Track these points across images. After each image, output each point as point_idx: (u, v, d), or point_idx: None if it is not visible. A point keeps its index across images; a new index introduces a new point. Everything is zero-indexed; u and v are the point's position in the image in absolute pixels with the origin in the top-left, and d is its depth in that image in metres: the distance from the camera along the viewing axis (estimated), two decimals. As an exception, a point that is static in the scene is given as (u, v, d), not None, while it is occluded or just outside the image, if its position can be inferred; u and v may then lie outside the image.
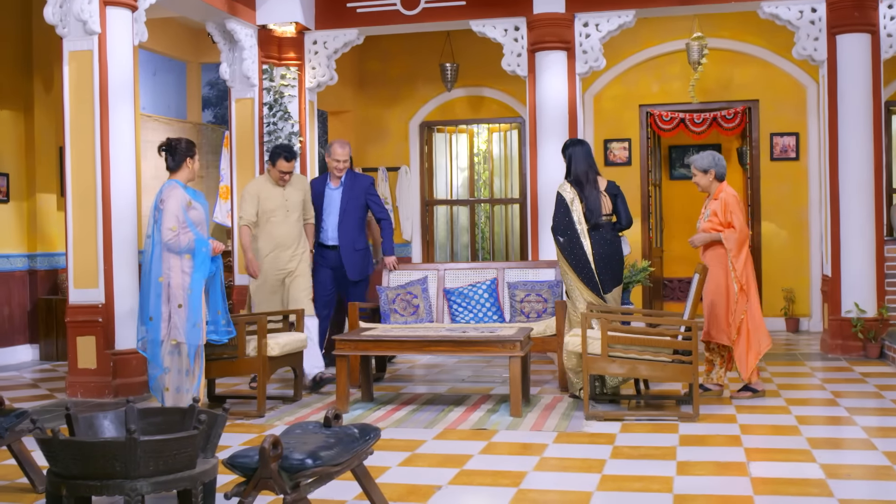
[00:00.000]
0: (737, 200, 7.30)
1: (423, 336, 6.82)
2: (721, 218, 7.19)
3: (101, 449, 3.55)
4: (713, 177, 7.34)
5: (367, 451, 4.07)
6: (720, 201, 7.25)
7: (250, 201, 8.02)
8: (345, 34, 10.39)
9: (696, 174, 7.40)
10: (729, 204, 7.21)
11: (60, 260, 10.13)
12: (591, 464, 5.27)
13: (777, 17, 9.43)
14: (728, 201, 7.21)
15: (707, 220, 7.26)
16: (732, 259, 7.11)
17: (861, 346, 9.14)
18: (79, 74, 7.75)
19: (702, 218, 7.35)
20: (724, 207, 7.19)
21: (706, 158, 7.38)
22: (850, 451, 5.63)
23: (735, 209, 7.18)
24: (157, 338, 6.27)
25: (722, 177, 7.37)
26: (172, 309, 6.22)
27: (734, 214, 7.16)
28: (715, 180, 7.35)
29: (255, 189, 8.09)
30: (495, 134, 13.55)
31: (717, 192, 7.32)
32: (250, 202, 8.01)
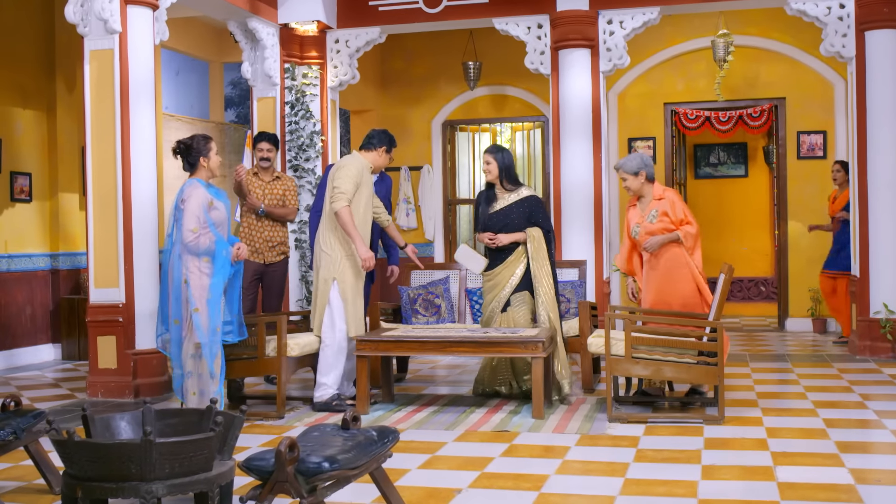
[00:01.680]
0: (680, 196, 7.18)
1: (445, 336, 6.75)
2: (673, 216, 6.94)
3: (116, 450, 3.51)
4: (644, 178, 7.06)
5: (385, 454, 4.01)
6: (667, 200, 7.00)
7: (354, 179, 6.98)
8: (367, 33, 10.34)
9: (627, 178, 7.08)
10: (677, 202, 7.03)
11: (82, 259, 10.14)
12: (614, 467, 5.18)
13: (804, 13, 9.30)
14: (675, 199, 7.03)
15: (658, 222, 6.97)
16: (693, 256, 6.96)
17: (890, 348, 8.99)
18: (100, 74, 7.74)
19: (641, 222, 7.04)
20: (674, 206, 6.98)
21: (634, 160, 7.10)
22: (879, 456, 5.53)
23: (684, 205, 7.05)
24: (179, 340, 6.18)
25: (652, 177, 7.10)
26: (191, 311, 6.12)
27: (686, 211, 7.00)
28: (646, 182, 7.07)
29: (359, 167, 7.07)
30: (518, 133, 13.47)
31: (658, 193, 7.06)
32: (353, 180, 6.98)
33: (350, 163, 7.04)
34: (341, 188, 6.87)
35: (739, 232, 14.18)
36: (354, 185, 6.92)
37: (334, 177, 6.97)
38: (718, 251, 14.00)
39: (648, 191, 7.07)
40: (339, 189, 6.87)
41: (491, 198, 7.35)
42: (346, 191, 6.86)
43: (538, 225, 7.22)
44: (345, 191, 6.86)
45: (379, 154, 7.21)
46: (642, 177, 7.03)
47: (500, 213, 7.24)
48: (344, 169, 6.98)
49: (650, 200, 7.05)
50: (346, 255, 6.98)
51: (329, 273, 6.98)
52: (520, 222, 7.20)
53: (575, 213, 9.62)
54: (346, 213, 6.82)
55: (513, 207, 7.23)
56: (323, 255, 7.02)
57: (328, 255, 6.99)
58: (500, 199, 7.28)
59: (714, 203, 14.24)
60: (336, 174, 6.98)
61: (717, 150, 14.27)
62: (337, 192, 6.87)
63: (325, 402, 6.84)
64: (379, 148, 7.20)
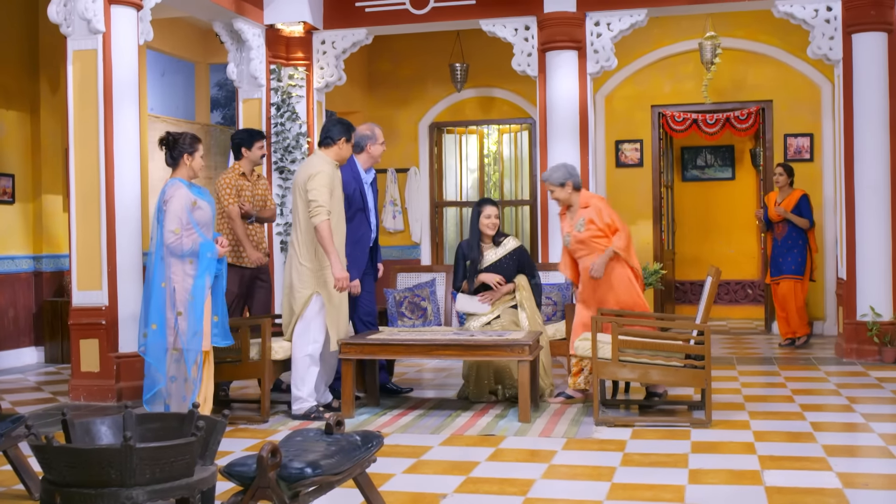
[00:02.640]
0: (606, 202, 7.17)
1: (431, 340, 6.71)
2: (600, 223, 6.93)
3: (95, 456, 3.44)
4: (571, 188, 7.06)
5: (369, 459, 3.96)
6: (593, 208, 6.99)
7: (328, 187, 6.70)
8: (353, 34, 10.28)
9: (554, 189, 7.09)
10: (603, 208, 7.00)
11: (66, 262, 10.05)
12: (600, 471, 5.15)
13: (792, 15, 9.29)
14: (601, 206, 7.01)
15: (585, 230, 6.96)
16: (628, 259, 6.93)
17: (877, 351, 8.99)
18: (83, 74, 7.66)
19: (571, 231, 7.04)
20: (599, 213, 6.96)
21: (559, 171, 7.09)
22: (867, 460, 5.50)
23: (610, 210, 7.03)
24: (163, 346, 6.04)
25: (578, 186, 7.10)
26: (175, 316, 6.03)
27: (613, 216, 6.99)
28: (574, 191, 7.07)
29: (329, 171, 6.77)
30: (505, 135, 13.44)
31: (584, 201, 7.06)
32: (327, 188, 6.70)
33: (320, 168, 6.68)
34: (318, 200, 6.56)
35: (726, 234, 14.18)
36: (329, 192, 6.66)
37: (307, 187, 6.62)
38: (705, 253, 14.01)
39: (576, 199, 7.10)
40: (317, 202, 6.56)
41: (474, 247, 7.48)
42: (323, 202, 6.56)
43: (525, 273, 7.48)
44: (322, 202, 6.56)
45: (340, 147, 6.83)
46: (569, 187, 7.05)
47: (494, 266, 7.47)
48: (317, 178, 6.62)
49: (577, 209, 7.08)
50: (327, 266, 6.71)
51: (308, 287, 6.71)
52: (511, 273, 7.47)
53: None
54: (325, 227, 6.53)
55: (505, 259, 7.48)
56: (303, 270, 6.72)
57: (307, 268, 6.71)
58: (490, 250, 7.51)
59: (701, 205, 14.24)
60: (309, 184, 6.62)
61: (704, 153, 14.26)
62: (315, 206, 6.55)
63: (304, 415, 6.74)
64: (339, 140, 6.82)
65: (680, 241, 13.97)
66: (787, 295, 10.35)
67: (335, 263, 6.58)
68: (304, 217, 6.71)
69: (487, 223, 7.45)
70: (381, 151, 7.52)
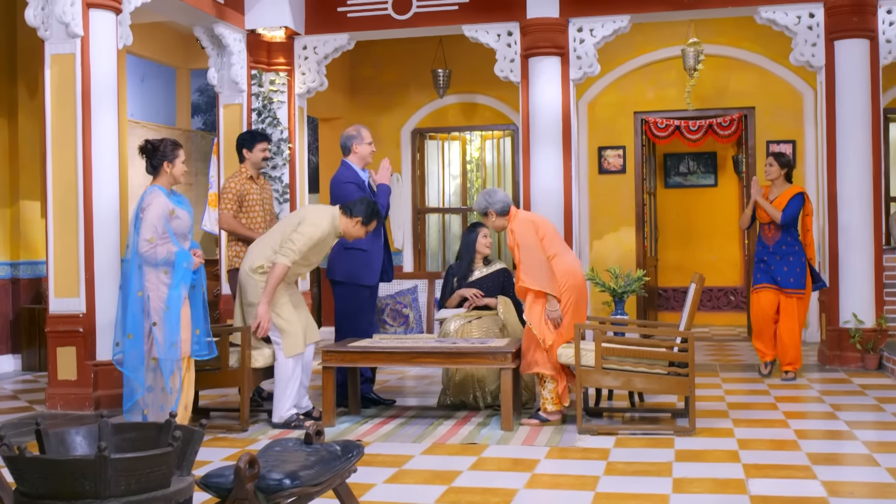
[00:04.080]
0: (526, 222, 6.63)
1: (412, 347, 6.65)
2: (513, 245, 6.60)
3: (69, 467, 3.37)
4: (495, 216, 6.71)
5: (349, 470, 3.89)
6: (510, 233, 6.63)
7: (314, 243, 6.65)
8: (335, 39, 10.22)
9: (485, 220, 6.82)
10: (515, 232, 6.56)
11: (44, 268, 9.91)
12: (584, 480, 5.09)
13: (774, 22, 9.29)
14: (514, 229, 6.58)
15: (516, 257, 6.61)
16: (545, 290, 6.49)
17: (859, 358, 8.98)
18: (60, 78, 7.57)
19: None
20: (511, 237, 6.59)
21: (480, 201, 6.76)
22: (851, 468, 5.47)
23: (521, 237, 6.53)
24: (141, 355, 5.95)
25: (504, 211, 6.70)
26: (150, 325, 5.94)
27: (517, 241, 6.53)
28: (499, 217, 6.71)
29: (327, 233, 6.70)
30: (488, 141, 13.40)
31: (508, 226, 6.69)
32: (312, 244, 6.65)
33: (322, 224, 6.58)
34: (296, 248, 6.46)
35: (709, 241, 14.18)
36: (310, 248, 6.57)
37: (299, 229, 6.52)
38: (688, 260, 14.00)
39: (503, 224, 6.78)
40: (294, 248, 6.46)
41: (464, 268, 7.59)
42: (298, 252, 6.47)
43: (507, 294, 7.56)
44: (297, 252, 6.47)
45: (353, 224, 6.65)
46: (492, 216, 6.75)
47: (479, 282, 7.54)
48: (313, 228, 6.53)
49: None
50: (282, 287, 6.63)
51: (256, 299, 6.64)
52: (494, 289, 7.55)
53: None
54: (282, 271, 6.43)
55: (491, 276, 7.57)
56: (259, 281, 6.62)
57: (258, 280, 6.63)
58: (478, 269, 7.60)
59: (683, 212, 14.24)
60: (300, 228, 6.52)
61: (686, 160, 14.26)
62: (288, 248, 6.45)
63: (284, 423, 6.65)
64: (354, 217, 6.65)
65: (662, 247, 13.97)
66: (787, 314, 8.42)
67: (263, 302, 6.48)
68: (274, 243, 6.61)
69: (485, 242, 7.56)
70: (368, 151, 7.44)
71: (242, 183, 7.63)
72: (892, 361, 8.53)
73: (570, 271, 6.60)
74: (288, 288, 6.72)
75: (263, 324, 6.49)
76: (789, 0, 9.20)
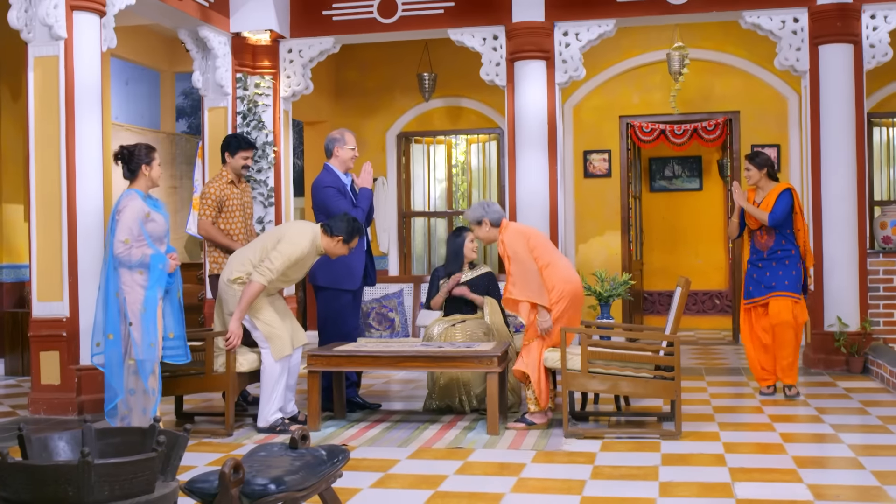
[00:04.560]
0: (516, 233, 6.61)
1: (398, 351, 6.62)
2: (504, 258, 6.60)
3: (52, 472, 3.33)
4: (489, 225, 6.69)
5: (335, 475, 3.87)
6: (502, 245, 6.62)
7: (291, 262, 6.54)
8: (320, 42, 10.20)
9: (473, 228, 6.77)
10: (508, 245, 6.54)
11: (27, 272, 9.85)
12: (570, 485, 5.08)
13: (759, 26, 9.33)
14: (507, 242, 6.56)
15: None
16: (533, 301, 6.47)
17: (844, 361, 9.01)
18: (44, 81, 7.52)
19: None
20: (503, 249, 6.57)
21: (475, 210, 6.71)
22: (837, 471, 5.47)
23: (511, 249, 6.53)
24: (119, 357, 5.95)
25: (497, 222, 6.67)
26: (128, 326, 5.93)
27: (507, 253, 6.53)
28: (492, 227, 6.69)
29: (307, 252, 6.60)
30: (474, 145, 13.40)
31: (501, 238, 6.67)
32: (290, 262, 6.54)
33: (302, 243, 6.50)
34: (273, 267, 6.38)
35: (694, 245, 14.21)
36: (289, 266, 6.50)
37: (278, 247, 6.44)
38: (673, 264, 14.03)
39: (494, 235, 6.75)
40: (272, 267, 6.38)
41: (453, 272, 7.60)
42: (275, 271, 6.39)
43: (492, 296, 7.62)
44: (274, 271, 6.39)
45: (335, 243, 6.58)
46: (486, 225, 6.72)
47: (465, 285, 7.55)
48: (292, 247, 6.47)
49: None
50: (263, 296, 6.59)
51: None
52: (480, 294, 7.56)
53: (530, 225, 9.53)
54: (256, 289, 6.37)
55: (476, 280, 7.59)
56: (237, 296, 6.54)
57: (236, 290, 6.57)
58: (464, 273, 7.61)
59: (669, 216, 14.26)
60: (279, 247, 6.45)
61: (671, 164, 14.29)
62: (265, 267, 6.38)
63: (269, 427, 6.62)
64: (335, 237, 6.58)
65: (648, 251, 13.99)
66: (781, 320, 7.56)
67: (235, 318, 6.43)
68: (254, 258, 6.56)
69: (472, 247, 7.60)
70: (350, 156, 7.38)
71: (223, 188, 7.53)
72: (877, 365, 8.56)
73: (566, 278, 6.57)
74: (269, 295, 6.68)
75: (233, 340, 6.44)
76: (774, 5, 9.24)
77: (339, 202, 7.20)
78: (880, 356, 8.54)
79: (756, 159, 7.78)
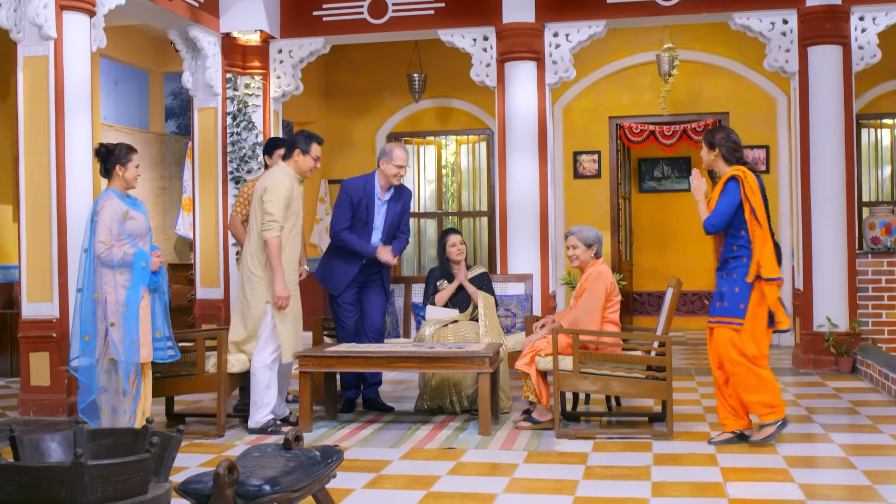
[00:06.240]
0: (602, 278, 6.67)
1: (390, 352, 6.62)
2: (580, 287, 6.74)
3: (45, 474, 3.32)
4: (593, 253, 6.79)
5: (329, 475, 3.87)
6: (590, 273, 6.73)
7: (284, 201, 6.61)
8: (311, 43, 10.19)
9: (578, 246, 6.78)
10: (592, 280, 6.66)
11: (15, 273, 9.82)
12: (563, 485, 5.09)
13: (748, 28, 9.36)
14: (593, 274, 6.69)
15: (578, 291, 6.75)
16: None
17: (833, 361, 9.04)
18: (33, 81, 7.49)
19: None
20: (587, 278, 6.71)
21: (592, 231, 6.81)
22: (828, 470, 5.50)
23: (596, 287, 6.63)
24: (92, 358, 5.94)
25: (600, 254, 6.84)
26: (107, 326, 5.91)
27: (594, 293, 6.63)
28: (594, 258, 6.80)
29: (288, 185, 6.64)
30: (464, 146, 13.40)
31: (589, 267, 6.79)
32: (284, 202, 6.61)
33: (278, 180, 6.60)
34: (273, 215, 6.50)
35: (683, 245, 14.23)
36: (286, 205, 6.58)
37: (263, 199, 6.54)
38: (663, 265, 14.05)
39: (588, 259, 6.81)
40: (272, 216, 6.49)
41: (446, 273, 7.71)
42: (278, 217, 6.51)
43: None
44: (277, 218, 6.50)
45: (296, 159, 6.71)
46: (593, 250, 6.79)
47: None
48: (273, 190, 6.55)
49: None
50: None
51: (260, 296, 6.59)
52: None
53: (521, 227, 9.56)
54: (275, 244, 6.48)
55: (474, 279, 7.70)
56: (253, 278, 6.61)
57: (259, 277, 6.59)
58: (461, 273, 7.70)
59: (658, 217, 14.28)
60: (265, 196, 6.55)
61: (661, 165, 14.32)
62: (269, 220, 6.49)
63: (261, 429, 6.62)
64: (293, 154, 6.72)
65: (637, 252, 14.01)
66: (722, 354, 6.02)
67: (278, 281, 6.51)
68: (257, 227, 6.62)
69: (453, 250, 7.66)
70: (393, 172, 7.24)
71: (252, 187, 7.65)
72: (866, 365, 8.59)
73: None
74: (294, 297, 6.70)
75: (284, 302, 6.54)
76: (763, 6, 9.26)
77: (340, 210, 7.29)
78: (869, 356, 8.58)
79: (710, 137, 6.25)
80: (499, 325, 7.46)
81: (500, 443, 6.14)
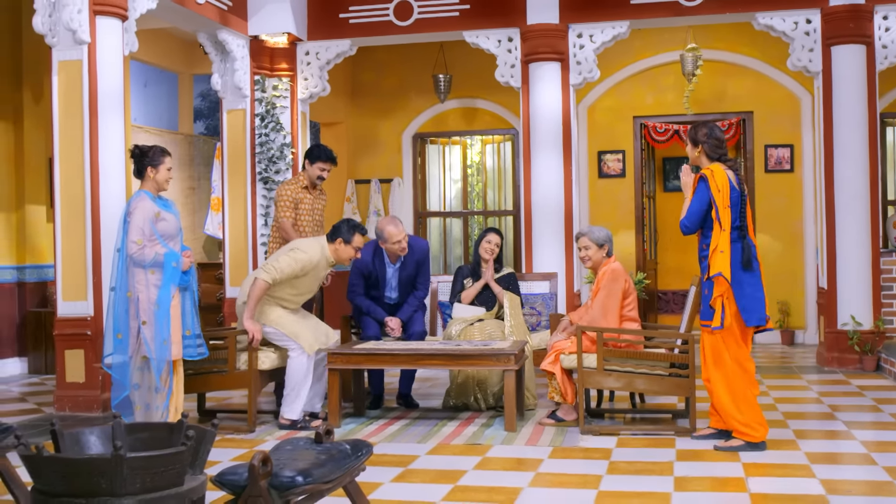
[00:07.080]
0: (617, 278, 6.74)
1: (417, 349, 6.73)
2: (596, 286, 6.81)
3: (85, 465, 3.44)
4: (605, 253, 6.87)
5: (359, 468, 3.98)
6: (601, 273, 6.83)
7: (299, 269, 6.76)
8: (337, 45, 10.32)
9: (590, 247, 6.86)
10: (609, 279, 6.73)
11: (49, 272, 10.02)
12: (587, 479, 5.18)
13: (772, 28, 9.39)
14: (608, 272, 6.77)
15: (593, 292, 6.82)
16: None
17: (857, 359, 9.07)
18: (68, 84, 7.66)
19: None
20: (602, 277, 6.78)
21: (602, 231, 6.90)
22: (849, 467, 5.55)
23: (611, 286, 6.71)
24: (125, 355, 6.10)
25: (611, 253, 6.92)
26: (139, 325, 6.06)
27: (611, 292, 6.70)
28: (606, 257, 6.88)
29: (314, 261, 6.82)
30: (489, 146, 13.49)
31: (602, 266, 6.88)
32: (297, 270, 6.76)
33: (311, 251, 6.79)
34: (279, 267, 6.63)
35: (708, 244, 14.22)
36: (299, 273, 6.72)
37: (289, 254, 6.71)
38: (686, 264, 14.04)
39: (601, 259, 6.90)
40: (277, 267, 6.64)
41: (474, 270, 7.81)
42: (279, 271, 6.63)
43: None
44: (279, 271, 6.63)
45: (336, 246, 6.85)
46: (604, 250, 6.87)
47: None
48: (301, 254, 6.73)
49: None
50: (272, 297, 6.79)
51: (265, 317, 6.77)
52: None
53: (545, 226, 9.64)
54: (260, 287, 6.59)
55: (500, 280, 7.75)
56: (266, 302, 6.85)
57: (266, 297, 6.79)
58: (487, 272, 7.77)
59: (683, 216, 14.28)
60: (290, 252, 6.73)
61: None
62: (271, 266, 6.64)
63: (291, 423, 6.75)
64: (335, 241, 6.86)
65: (662, 251, 14.03)
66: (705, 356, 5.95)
67: (246, 317, 6.63)
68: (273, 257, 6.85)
69: (487, 247, 7.75)
70: (395, 249, 7.40)
71: (297, 191, 7.96)
72: (890, 363, 8.62)
73: None
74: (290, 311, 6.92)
75: (257, 335, 6.64)
76: (787, 6, 9.30)
77: (353, 278, 7.54)
78: (893, 354, 8.61)
79: (693, 133, 6.27)
80: (524, 324, 7.56)
81: (526, 439, 6.24)
